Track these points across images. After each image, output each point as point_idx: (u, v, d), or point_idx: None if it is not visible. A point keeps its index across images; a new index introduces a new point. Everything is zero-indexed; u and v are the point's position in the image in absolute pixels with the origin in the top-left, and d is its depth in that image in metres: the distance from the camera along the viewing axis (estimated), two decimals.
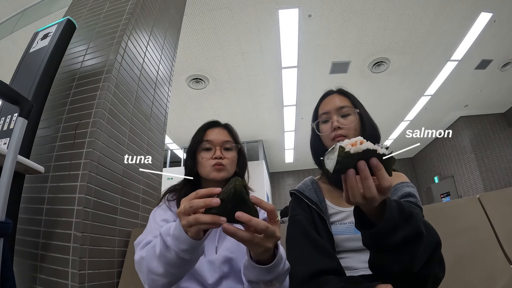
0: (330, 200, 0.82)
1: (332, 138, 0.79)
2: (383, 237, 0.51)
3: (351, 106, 0.83)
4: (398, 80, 5.00)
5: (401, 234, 0.50)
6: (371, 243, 0.55)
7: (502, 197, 1.10)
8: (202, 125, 0.95)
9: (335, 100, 0.85)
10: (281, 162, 8.89)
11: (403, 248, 0.51)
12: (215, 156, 0.86)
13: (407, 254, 0.52)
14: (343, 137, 0.78)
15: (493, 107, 6.45)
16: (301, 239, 0.73)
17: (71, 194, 1.08)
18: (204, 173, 0.86)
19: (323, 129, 0.83)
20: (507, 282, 0.90)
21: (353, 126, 0.80)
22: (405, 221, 0.51)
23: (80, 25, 1.54)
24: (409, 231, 0.51)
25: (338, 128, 0.79)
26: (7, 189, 0.75)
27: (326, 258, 0.68)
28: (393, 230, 0.50)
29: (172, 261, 0.55)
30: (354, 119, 0.81)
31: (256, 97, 5.28)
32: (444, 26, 3.86)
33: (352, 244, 0.75)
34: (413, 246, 0.52)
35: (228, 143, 0.90)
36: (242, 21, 3.56)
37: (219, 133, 0.90)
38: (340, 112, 0.82)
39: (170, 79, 1.96)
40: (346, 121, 0.81)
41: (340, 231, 0.76)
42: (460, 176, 6.73)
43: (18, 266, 1.04)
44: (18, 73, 1.21)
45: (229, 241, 0.79)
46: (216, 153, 0.86)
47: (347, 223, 0.76)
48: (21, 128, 0.81)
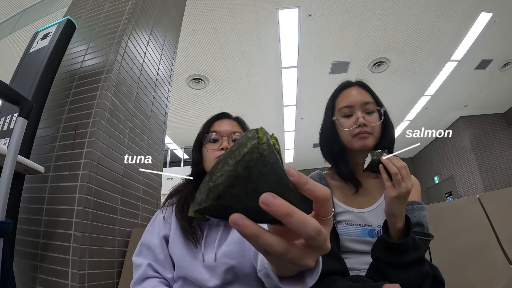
0: (338, 198, 0.79)
1: (355, 134, 0.75)
2: (401, 254, 0.60)
3: (374, 103, 0.78)
4: (398, 80, 5.00)
5: (415, 255, 0.61)
6: (384, 257, 0.63)
7: (502, 197, 1.10)
8: (210, 117, 0.89)
9: (358, 93, 0.79)
10: None
11: (410, 268, 0.60)
12: (221, 147, 0.79)
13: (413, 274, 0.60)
14: (368, 134, 0.74)
15: (493, 107, 6.45)
16: None
17: (71, 194, 1.08)
18: (208, 167, 0.80)
19: (345, 124, 0.77)
20: (507, 282, 0.90)
21: (378, 125, 0.77)
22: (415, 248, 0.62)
23: (80, 25, 1.54)
24: (417, 256, 0.61)
25: (364, 125, 0.74)
26: (7, 189, 0.75)
27: (333, 260, 0.67)
28: (414, 248, 0.61)
29: None
30: (378, 118, 0.77)
31: (256, 97, 5.27)
32: (444, 26, 3.86)
33: (357, 246, 0.74)
34: (419, 268, 0.61)
35: (237, 134, 0.82)
36: (242, 21, 3.55)
37: (227, 124, 0.85)
38: (364, 108, 0.76)
39: (170, 79, 1.96)
40: (371, 118, 0.76)
41: (346, 231, 0.75)
42: (460, 176, 6.73)
43: (18, 266, 1.04)
44: (18, 73, 1.21)
45: (229, 246, 0.73)
46: (223, 143, 0.80)
47: (354, 225, 0.75)
48: (21, 128, 0.82)
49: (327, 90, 3.88)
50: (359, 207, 0.77)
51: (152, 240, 0.78)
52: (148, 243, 0.78)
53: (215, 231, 0.78)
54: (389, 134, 0.79)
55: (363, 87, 0.82)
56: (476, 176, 6.17)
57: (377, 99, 0.80)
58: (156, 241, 0.78)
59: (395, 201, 0.60)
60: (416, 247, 0.62)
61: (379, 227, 0.74)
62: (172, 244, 0.77)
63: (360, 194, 0.79)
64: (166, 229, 0.80)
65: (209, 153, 0.80)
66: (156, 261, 0.76)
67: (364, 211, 0.77)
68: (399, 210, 0.60)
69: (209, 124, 0.86)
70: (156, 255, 0.76)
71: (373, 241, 0.73)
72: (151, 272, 0.74)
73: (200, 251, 0.74)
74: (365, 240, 0.74)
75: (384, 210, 0.63)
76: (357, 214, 0.76)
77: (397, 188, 0.60)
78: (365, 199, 0.79)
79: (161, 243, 0.78)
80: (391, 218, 0.62)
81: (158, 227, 0.81)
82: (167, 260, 0.77)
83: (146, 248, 0.78)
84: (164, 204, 0.85)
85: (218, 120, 0.87)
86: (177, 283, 0.75)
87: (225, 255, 0.72)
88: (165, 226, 0.80)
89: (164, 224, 0.81)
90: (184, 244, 0.75)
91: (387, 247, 0.61)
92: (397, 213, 0.61)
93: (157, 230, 0.80)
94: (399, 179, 0.59)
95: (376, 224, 0.75)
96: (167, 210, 0.83)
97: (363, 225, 0.75)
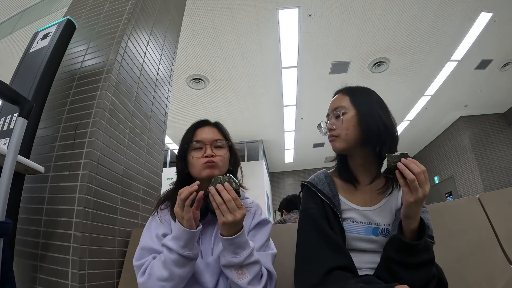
0: (344, 195, 0.80)
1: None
2: (414, 254, 0.62)
3: (344, 107, 0.80)
4: (398, 80, 5.00)
5: (426, 256, 0.63)
6: (396, 256, 0.64)
7: (502, 197, 1.10)
8: (191, 125, 0.93)
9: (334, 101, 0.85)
10: (281, 162, 8.88)
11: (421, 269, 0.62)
12: (205, 155, 0.84)
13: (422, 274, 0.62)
14: (334, 137, 0.80)
15: (493, 107, 6.45)
16: (314, 233, 0.73)
17: (71, 194, 1.08)
18: (196, 173, 0.85)
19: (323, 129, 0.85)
20: (507, 282, 0.90)
21: (344, 126, 0.77)
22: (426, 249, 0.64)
23: (80, 25, 1.54)
24: (427, 258, 0.63)
25: (331, 130, 0.81)
26: (7, 189, 0.75)
27: (340, 255, 0.69)
28: (426, 250, 0.63)
29: (175, 262, 0.68)
30: (344, 120, 0.79)
31: (256, 97, 5.27)
32: (444, 26, 3.86)
33: (361, 245, 0.75)
34: (428, 269, 0.63)
35: (219, 141, 0.88)
36: (242, 21, 3.55)
37: (209, 132, 0.90)
38: (334, 113, 0.81)
39: (170, 79, 1.96)
40: (337, 121, 0.80)
41: (351, 229, 0.76)
42: (460, 176, 6.73)
43: (18, 266, 1.04)
44: (18, 73, 1.21)
45: None
46: (207, 151, 0.85)
47: (359, 222, 0.76)
48: (21, 128, 0.81)
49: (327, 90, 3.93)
50: (364, 205, 0.78)
51: (151, 241, 0.80)
52: (147, 245, 0.79)
53: (211, 228, 0.83)
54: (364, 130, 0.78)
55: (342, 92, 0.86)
56: (476, 176, 6.16)
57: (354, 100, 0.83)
58: (155, 241, 0.79)
59: (412, 205, 0.60)
60: (427, 249, 0.63)
61: (383, 226, 0.75)
62: None
63: (364, 192, 0.80)
64: (166, 228, 0.82)
65: (194, 160, 0.85)
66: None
67: (369, 209, 0.77)
68: (415, 213, 0.62)
69: (191, 133, 0.90)
70: (158, 252, 0.77)
71: (377, 239, 0.74)
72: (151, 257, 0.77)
73: (198, 248, 0.77)
74: (369, 238, 0.75)
75: (401, 212, 0.64)
76: (361, 212, 0.77)
77: (414, 193, 0.59)
78: (370, 197, 0.79)
79: (160, 241, 0.78)
80: (406, 219, 0.63)
81: (155, 229, 0.82)
82: None
83: (147, 250, 0.78)
84: (156, 209, 0.87)
85: (200, 128, 0.91)
86: None
87: (220, 248, 0.76)
88: (163, 226, 0.82)
89: (162, 224, 0.82)
90: None
91: (401, 247, 0.62)
92: (413, 216, 0.62)
93: (154, 232, 0.81)
94: (416, 186, 0.59)
95: (380, 223, 0.75)
96: (162, 213, 0.85)
97: (368, 223, 0.76)
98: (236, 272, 0.69)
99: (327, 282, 0.64)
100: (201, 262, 0.77)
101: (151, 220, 0.86)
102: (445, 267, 0.74)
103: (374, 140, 0.76)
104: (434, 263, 0.66)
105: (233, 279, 0.70)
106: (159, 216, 0.84)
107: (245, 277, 0.69)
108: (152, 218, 0.87)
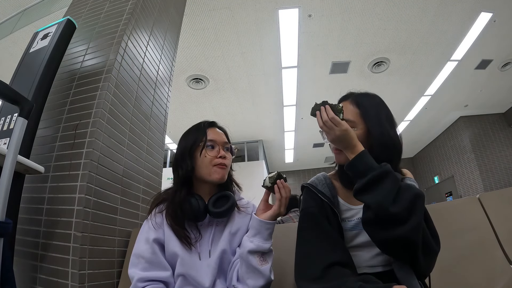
0: (342, 197, 0.82)
1: None
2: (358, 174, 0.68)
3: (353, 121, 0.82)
4: (398, 80, 5.00)
5: (370, 174, 0.65)
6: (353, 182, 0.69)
7: (502, 197, 1.10)
8: (199, 123, 0.91)
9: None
10: (281, 162, 8.88)
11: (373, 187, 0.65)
12: (220, 155, 0.83)
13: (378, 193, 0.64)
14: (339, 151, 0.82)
15: (493, 107, 6.45)
16: (314, 230, 0.74)
17: (71, 194, 1.08)
18: (205, 173, 0.82)
19: None
20: (507, 282, 0.90)
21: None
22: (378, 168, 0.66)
23: (80, 25, 1.54)
24: (378, 173, 0.65)
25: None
26: (7, 189, 0.75)
27: (339, 251, 0.70)
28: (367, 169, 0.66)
29: None
30: None
31: (256, 97, 5.27)
32: (444, 26, 3.85)
33: (361, 239, 0.76)
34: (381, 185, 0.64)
35: (227, 145, 0.89)
36: (242, 21, 3.55)
37: (219, 134, 0.89)
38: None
39: (170, 79, 1.96)
40: None
41: (350, 226, 0.78)
42: (460, 176, 6.73)
43: (18, 266, 1.04)
44: (18, 73, 1.21)
45: (223, 242, 0.81)
46: (221, 152, 0.84)
47: (356, 219, 0.78)
48: (21, 128, 0.81)
49: (327, 90, 3.93)
50: (361, 204, 0.79)
51: (141, 247, 0.79)
52: (137, 252, 0.79)
53: (209, 231, 0.83)
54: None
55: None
56: (476, 176, 6.16)
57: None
58: (145, 246, 0.78)
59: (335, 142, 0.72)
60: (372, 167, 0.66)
61: None
62: (170, 246, 0.79)
63: None
64: (159, 233, 0.80)
65: (207, 159, 0.82)
66: (145, 269, 0.75)
67: None
68: (343, 147, 0.71)
69: (203, 131, 0.87)
70: (146, 260, 0.76)
71: None
72: (139, 284, 0.73)
73: (196, 250, 0.79)
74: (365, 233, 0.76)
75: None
76: (357, 210, 0.79)
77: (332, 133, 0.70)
78: None
79: (151, 246, 0.78)
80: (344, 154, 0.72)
81: (146, 233, 0.81)
82: (158, 260, 0.77)
83: (136, 257, 0.78)
84: (150, 212, 0.85)
85: (211, 127, 0.90)
86: (177, 281, 0.77)
87: (218, 249, 0.79)
88: (156, 231, 0.80)
89: (155, 229, 0.81)
90: (181, 246, 0.78)
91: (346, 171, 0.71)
92: (343, 148, 0.71)
93: (145, 236, 0.80)
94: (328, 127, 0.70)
95: None
96: (156, 217, 0.83)
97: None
98: (259, 258, 0.72)
99: (327, 276, 0.65)
100: (199, 263, 0.77)
101: (146, 223, 0.85)
102: (445, 267, 0.74)
103: (382, 157, 0.75)
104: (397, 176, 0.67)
105: (256, 265, 0.71)
106: (153, 220, 0.82)
107: (267, 263, 0.72)
108: (147, 221, 0.85)
